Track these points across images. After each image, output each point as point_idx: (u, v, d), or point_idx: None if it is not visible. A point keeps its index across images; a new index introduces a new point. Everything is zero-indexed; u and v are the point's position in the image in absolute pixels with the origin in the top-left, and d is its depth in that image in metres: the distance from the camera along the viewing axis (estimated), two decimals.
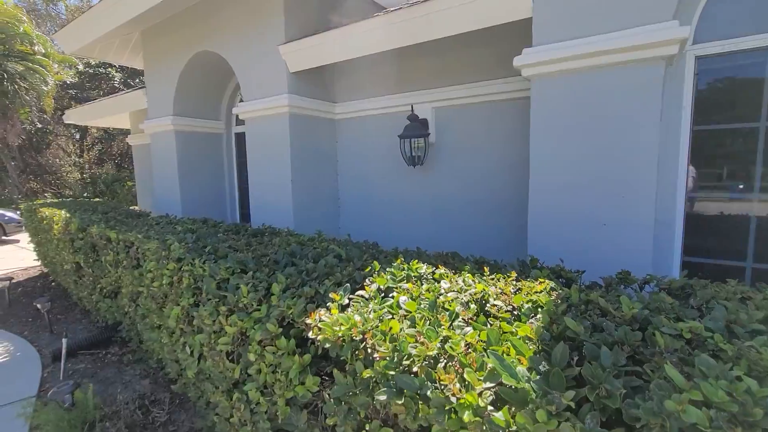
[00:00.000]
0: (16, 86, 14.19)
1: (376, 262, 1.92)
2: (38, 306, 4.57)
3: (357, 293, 1.64)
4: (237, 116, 6.18)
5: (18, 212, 12.29)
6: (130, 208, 6.66)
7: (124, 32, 5.62)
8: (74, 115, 7.77)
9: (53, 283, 6.52)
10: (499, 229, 3.65)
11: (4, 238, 11.04)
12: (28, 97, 14.95)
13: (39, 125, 16.58)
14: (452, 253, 2.30)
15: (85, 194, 16.95)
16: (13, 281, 6.24)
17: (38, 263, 7.95)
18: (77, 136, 19.54)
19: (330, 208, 4.74)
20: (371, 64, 4.24)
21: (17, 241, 11.42)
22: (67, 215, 4.71)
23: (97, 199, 7.42)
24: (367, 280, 1.75)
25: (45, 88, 14.79)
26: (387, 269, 1.84)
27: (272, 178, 4.36)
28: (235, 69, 4.59)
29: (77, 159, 19.27)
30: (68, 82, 17.20)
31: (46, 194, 17.21)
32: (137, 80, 18.09)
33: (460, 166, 3.84)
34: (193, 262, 2.32)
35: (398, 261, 1.91)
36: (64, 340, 3.59)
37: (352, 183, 4.68)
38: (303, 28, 4.20)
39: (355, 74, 4.45)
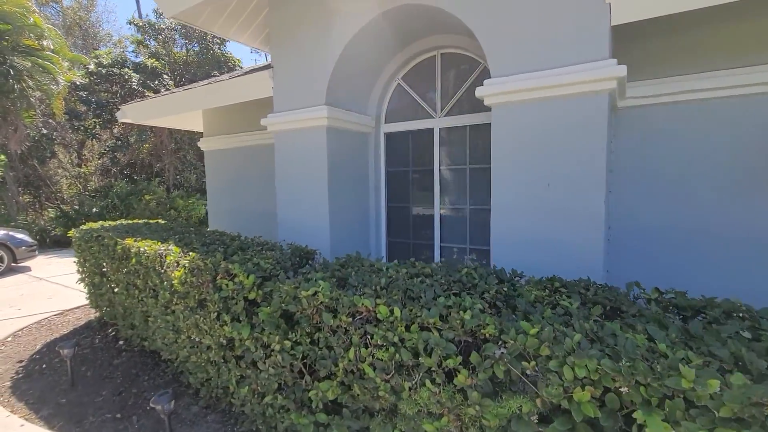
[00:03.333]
0: (23, 84, 12.13)
1: None
2: (157, 407, 2.77)
3: None
4: (386, 113, 4.55)
5: (27, 233, 10.17)
6: (207, 229, 4.91)
7: None
8: (133, 111, 5.96)
9: (122, 342, 4.63)
10: None
11: (13, 265, 8.93)
12: (32, 99, 12.91)
13: (44, 131, 14.43)
14: None
15: (94, 209, 14.78)
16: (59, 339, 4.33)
17: (77, 305, 6.03)
18: (75, 146, 17.37)
19: (594, 241, 3.10)
20: (702, 20, 2.70)
21: (28, 268, 9.33)
22: (199, 256, 2.94)
23: (160, 221, 5.62)
24: None
25: (55, 88, 12.79)
26: None
27: (552, 197, 2.72)
28: (474, 28, 2.96)
29: (79, 169, 17.03)
30: (78, 84, 15.14)
31: (48, 209, 14.96)
32: (156, 82, 16.16)
33: None
34: None
35: None
36: None
37: (645, 202, 3.08)
38: None
39: (661, 37, 2.89)
